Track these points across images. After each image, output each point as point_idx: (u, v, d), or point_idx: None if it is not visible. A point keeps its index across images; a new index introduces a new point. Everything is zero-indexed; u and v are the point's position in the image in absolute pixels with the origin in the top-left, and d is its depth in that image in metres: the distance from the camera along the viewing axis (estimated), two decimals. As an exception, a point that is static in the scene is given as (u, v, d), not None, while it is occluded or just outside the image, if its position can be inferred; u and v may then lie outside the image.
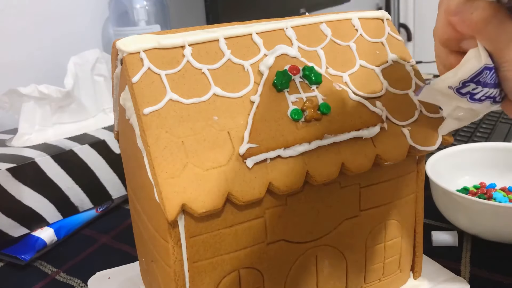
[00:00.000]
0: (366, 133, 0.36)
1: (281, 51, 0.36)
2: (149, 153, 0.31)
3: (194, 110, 0.33)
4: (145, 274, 0.45)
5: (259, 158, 0.32)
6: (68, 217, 0.60)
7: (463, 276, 0.47)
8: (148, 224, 0.37)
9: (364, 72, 0.39)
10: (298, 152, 0.34)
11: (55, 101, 0.64)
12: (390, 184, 0.39)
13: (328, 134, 0.34)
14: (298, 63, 0.36)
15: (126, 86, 0.36)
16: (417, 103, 0.39)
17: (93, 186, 0.62)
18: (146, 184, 0.33)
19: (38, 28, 0.80)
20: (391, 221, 0.40)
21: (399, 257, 0.42)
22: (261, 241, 0.35)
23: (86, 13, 0.88)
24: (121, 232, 0.60)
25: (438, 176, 0.54)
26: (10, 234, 0.55)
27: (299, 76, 0.35)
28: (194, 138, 0.32)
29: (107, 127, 0.66)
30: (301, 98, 0.35)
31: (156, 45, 0.34)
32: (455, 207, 0.51)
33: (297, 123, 0.34)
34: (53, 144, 0.60)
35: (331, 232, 0.38)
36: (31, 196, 0.56)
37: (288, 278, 0.37)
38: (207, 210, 0.31)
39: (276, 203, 0.35)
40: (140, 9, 0.82)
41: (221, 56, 0.35)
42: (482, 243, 0.51)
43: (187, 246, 0.33)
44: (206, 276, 0.34)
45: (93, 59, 0.70)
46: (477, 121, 0.83)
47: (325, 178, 0.34)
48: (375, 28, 0.41)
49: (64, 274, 0.52)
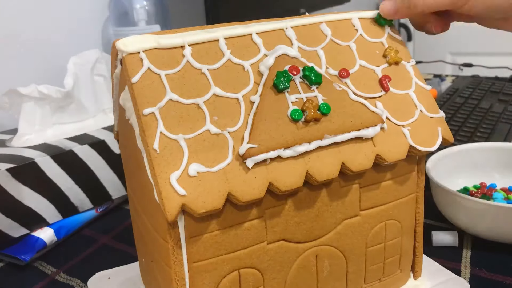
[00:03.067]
0: (366, 133, 0.36)
1: (281, 51, 0.36)
2: (149, 153, 0.31)
3: (194, 110, 0.33)
4: (145, 274, 0.45)
5: (259, 158, 0.32)
6: (68, 217, 0.60)
7: (463, 276, 0.47)
8: (148, 224, 0.37)
9: (364, 72, 0.39)
10: (298, 152, 0.33)
11: (55, 101, 0.64)
12: (390, 184, 0.39)
13: (328, 134, 0.34)
14: (298, 63, 0.36)
15: (126, 86, 0.35)
16: (417, 103, 0.39)
17: (93, 186, 0.62)
18: (146, 184, 0.33)
19: (38, 28, 0.80)
20: (391, 221, 0.40)
21: (399, 257, 0.42)
22: (261, 241, 0.35)
23: (86, 13, 0.88)
24: (121, 232, 0.60)
25: (438, 176, 0.54)
26: (10, 234, 0.55)
27: (299, 76, 0.35)
28: (194, 138, 0.32)
29: (107, 127, 0.66)
30: (301, 98, 0.35)
31: (156, 45, 0.34)
32: (455, 207, 0.51)
33: (297, 123, 0.34)
34: (53, 144, 0.60)
35: (331, 232, 0.38)
36: (31, 196, 0.56)
37: (288, 278, 0.37)
38: (207, 210, 0.31)
39: (276, 203, 0.35)
40: (140, 9, 0.82)
41: (221, 56, 0.35)
42: (482, 243, 0.51)
43: (187, 246, 0.33)
44: (206, 276, 0.34)
45: (93, 59, 0.70)
46: (477, 121, 0.83)
47: (325, 178, 0.34)
48: (375, 28, 0.41)
49: (64, 274, 0.52)
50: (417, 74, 0.40)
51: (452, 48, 1.77)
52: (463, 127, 0.81)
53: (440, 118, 0.39)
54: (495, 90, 1.00)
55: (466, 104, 0.93)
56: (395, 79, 0.39)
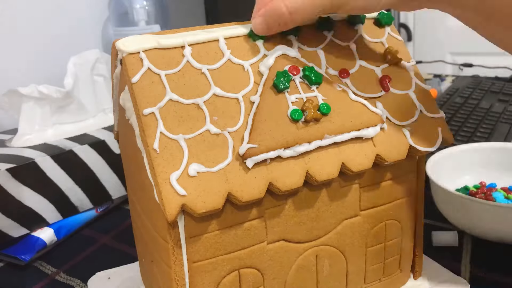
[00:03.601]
0: (366, 133, 0.36)
1: (281, 51, 0.36)
2: (149, 153, 0.31)
3: (194, 110, 0.33)
4: (145, 274, 0.45)
5: (259, 158, 0.32)
6: (68, 217, 0.60)
7: (463, 276, 0.47)
8: (148, 224, 0.37)
9: (364, 72, 0.39)
10: (298, 152, 0.34)
11: (55, 101, 0.64)
12: (390, 184, 0.39)
13: (328, 135, 0.34)
14: (298, 63, 0.36)
15: (126, 86, 0.35)
16: (417, 103, 0.39)
17: (93, 186, 0.62)
18: (146, 184, 0.33)
19: (38, 28, 0.80)
20: (391, 221, 0.40)
21: (399, 257, 0.42)
22: (261, 241, 0.35)
23: (86, 13, 0.88)
24: (121, 232, 0.60)
25: (438, 176, 0.54)
26: (10, 234, 0.55)
27: (299, 76, 0.35)
28: (194, 138, 0.32)
29: (107, 127, 0.66)
30: (301, 98, 0.35)
31: (156, 45, 0.34)
32: (455, 207, 0.51)
33: (297, 123, 0.34)
34: (53, 144, 0.60)
35: (331, 232, 0.38)
36: (31, 196, 0.56)
37: (288, 278, 0.37)
38: (207, 210, 0.31)
39: (276, 203, 0.35)
40: (140, 9, 0.82)
41: (221, 56, 0.35)
42: (482, 243, 0.51)
43: (187, 246, 0.33)
44: (206, 276, 0.34)
45: (93, 59, 0.70)
46: (477, 121, 0.83)
47: (325, 178, 0.34)
48: (375, 28, 0.41)
49: (64, 274, 0.52)
50: (417, 74, 0.40)
51: (452, 48, 1.77)
52: (463, 127, 0.81)
53: (440, 118, 0.39)
54: (495, 90, 1.00)
55: (466, 104, 0.93)
56: (395, 79, 0.39)
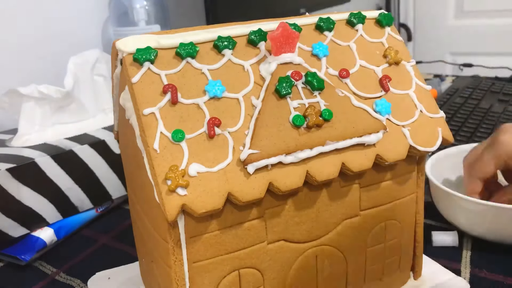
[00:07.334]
0: (368, 140, 0.35)
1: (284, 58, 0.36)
2: (149, 153, 0.31)
3: (194, 110, 0.33)
4: (145, 274, 0.45)
5: (260, 164, 0.32)
6: (68, 217, 0.60)
7: (463, 276, 0.47)
8: (148, 224, 0.37)
9: (364, 72, 0.39)
10: (299, 158, 0.33)
11: (55, 101, 0.64)
12: (390, 184, 0.39)
13: (330, 141, 0.34)
14: (301, 69, 0.36)
15: (126, 86, 0.35)
16: (417, 103, 0.39)
17: (93, 186, 0.62)
18: (146, 184, 0.33)
19: (38, 28, 0.80)
20: (391, 221, 0.40)
21: (399, 257, 0.42)
22: (261, 241, 0.35)
23: (86, 13, 0.88)
24: (121, 232, 0.60)
25: (438, 176, 0.54)
26: (10, 234, 0.55)
27: (301, 82, 0.35)
28: (194, 138, 0.32)
29: (107, 127, 0.66)
30: (303, 104, 0.35)
31: (156, 45, 0.34)
32: (455, 207, 0.51)
33: (299, 129, 0.34)
34: (53, 144, 0.60)
35: (331, 232, 0.38)
36: (31, 196, 0.56)
37: (288, 278, 0.37)
38: (207, 210, 0.31)
39: (276, 203, 0.35)
40: (140, 9, 0.82)
41: (221, 56, 0.35)
42: (482, 243, 0.51)
43: (187, 246, 0.33)
44: (206, 276, 0.34)
45: (93, 59, 0.70)
46: (477, 121, 0.83)
47: (325, 178, 0.34)
48: (375, 28, 0.41)
49: (64, 274, 0.52)
50: (417, 74, 0.40)
51: (452, 48, 1.78)
52: (463, 127, 0.81)
53: (440, 118, 0.39)
54: (495, 90, 1.00)
55: (466, 104, 0.93)
56: (395, 79, 0.39)
